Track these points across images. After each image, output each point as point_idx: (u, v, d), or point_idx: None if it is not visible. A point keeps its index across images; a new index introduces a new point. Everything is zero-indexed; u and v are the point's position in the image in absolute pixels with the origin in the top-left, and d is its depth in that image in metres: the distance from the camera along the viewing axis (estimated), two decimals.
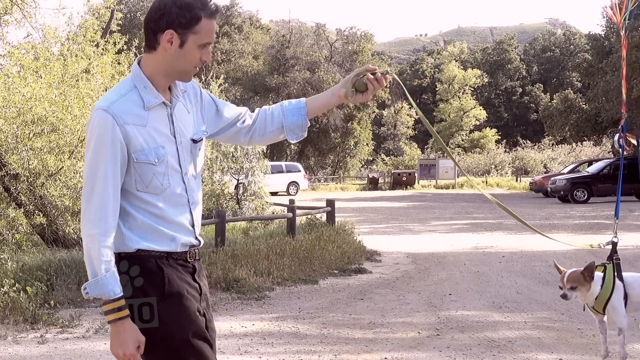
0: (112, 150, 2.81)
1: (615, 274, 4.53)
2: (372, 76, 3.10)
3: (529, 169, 50.12)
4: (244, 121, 3.29)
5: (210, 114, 3.20)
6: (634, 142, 4.92)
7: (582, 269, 4.55)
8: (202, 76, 22.64)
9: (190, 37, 2.84)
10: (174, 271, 2.93)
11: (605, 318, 4.77)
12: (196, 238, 3.04)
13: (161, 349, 2.91)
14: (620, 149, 5.02)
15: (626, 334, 4.63)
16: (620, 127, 4.90)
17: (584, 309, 4.94)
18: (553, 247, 13.65)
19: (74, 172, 13.56)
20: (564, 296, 4.65)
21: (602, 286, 4.51)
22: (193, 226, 3.04)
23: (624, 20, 4.63)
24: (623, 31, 4.69)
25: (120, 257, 2.88)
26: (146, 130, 2.88)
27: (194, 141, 3.04)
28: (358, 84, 3.11)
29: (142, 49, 10.59)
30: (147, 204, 2.93)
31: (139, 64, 2.97)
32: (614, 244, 4.61)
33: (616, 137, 5.08)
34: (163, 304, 2.88)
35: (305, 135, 3.39)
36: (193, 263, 3.03)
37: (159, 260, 2.90)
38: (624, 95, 5.25)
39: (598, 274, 4.73)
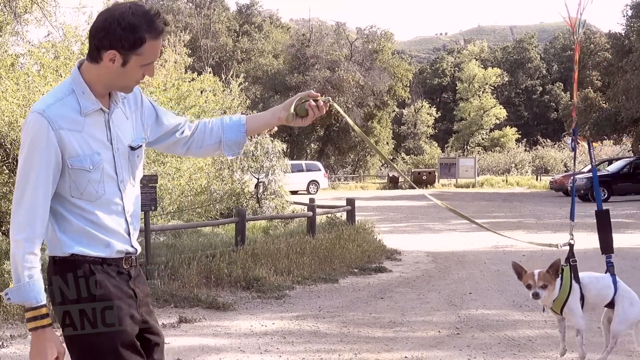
0: (46, 155, 2.79)
1: (572, 275, 4.65)
2: (314, 103, 3.15)
3: (549, 168, 50.52)
4: (182, 132, 3.29)
5: (150, 121, 3.19)
6: (584, 144, 4.95)
7: (548, 267, 4.69)
8: (222, 75, 22.88)
9: (132, 57, 2.83)
10: (108, 277, 2.91)
11: (562, 319, 4.87)
12: (132, 246, 3.03)
13: (87, 358, 2.90)
14: (573, 152, 5.16)
15: (584, 334, 4.72)
16: (571, 130, 5.05)
17: (544, 310, 5.03)
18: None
19: None
20: (536, 295, 4.68)
21: (560, 288, 4.64)
22: (129, 234, 3.03)
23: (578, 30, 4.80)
24: (577, 39, 4.92)
25: (54, 261, 2.89)
26: (82, 136, 2.86)
27: (132, 148, 3.04)
28: (299, 108, 3.16)
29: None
30: (82, 210, 2.91)
31: (79, 68, 2.96)
32: (571, 246, 4.72)
33: (569, 140, 5.08)
34: (93, 310, 2.86)
35: (242, 152, 3.42)
36: (129, 270, 3.01)
37: (93, 266, 2.88)
38: (575, 101, 5.52)
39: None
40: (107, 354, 2.82)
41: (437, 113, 68.60)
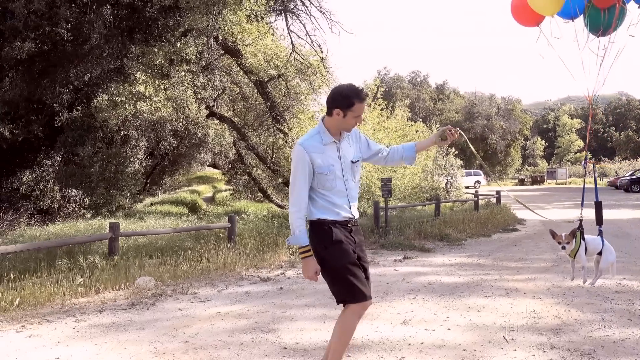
0: (303, 167, 3.01)
1: (581, 237, 4.59)
2: (450, 132, 3.33)
3: (607, 173, 52.49)
4: (382, 153, 3.39)
5: (364, 147, 3.32)
6: (591, 165, 4.98)
7: (569, 232, 4.59)
8: (427, 123, 24.23)
9: (348, 113, 3.01)
10: (338, 230, 3.05)
11: (574, 260, 4.78)
12: (352, 214, 3.13)
13: (331, 271, 3.06)
14: (584, 169, 5.03)
15: (586, 270, 4.66)
16: (585, 157, 4.97)
17: (568, 255, 4.79)
18: (620, 217, 14.34)
19: None
20: (563, 247, 4.57)
21: (575, 243, 4.55)
22: (350, 208, 3.12)
23: (594, 101, 4.62)
24: (591, 105, 4.68)
25: (311, 223, 3.10)
26: (323, 156, 3.04)
27: (352, 162, 3.16)
28: (442, 135, 3.34)
29: (391, 109, 13.30)
30: (324, 195, 3.07)
31: (322, 120, 3.13)
32: (580, 221, 4.60)
33: (583, 163, 5.16)
34: (331, 246, 3.03)
35: (414, 162, 3.52)
36: (350, 226, 3.12)
37: (330, 224, 3.05)
38: (587, 143, 5.52)
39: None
40: (341, 268, 3.02)
41: (545, 143, 74.98)
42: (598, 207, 4.85)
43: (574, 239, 4.64)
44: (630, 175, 34.77)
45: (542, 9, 4.27)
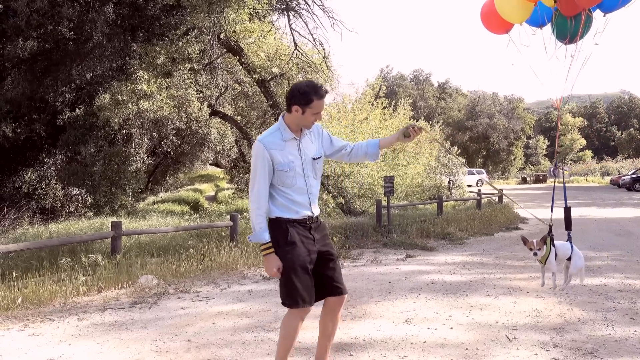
0: (262, 163, 3.02)
1: (551, 243, 4.50)
2: (413, 129, 3.31)
3: (609, 172, 53.65)
4: (346, 149, 3.39)
5: (326, 144, 3.32)
6: (560, 170, 5.03)
7: (540, 239, 4.57)
8: (430, 121, 24.31)
9: (307, 109, 3.01)
10: (295, 230, 3.06)
11: (544, 266, 4.64)
12: (312, 212, 3.14)
13: (284, 270, 3.06)
14: (554, 174, 5.08)
15: (555, 275, 4.55)
16: (554, 163, 5.00)
17: (538, 262, 4.70)
18: (622, 215, 14.35)
19: (359, 174, 13.95)
20: (535, 254, 4.54)
21: (545, 249, 4.45)
22: (310, 205, 3.14)
23: (562, 106, 4.63)
24: (559, 111, 4.73)
25: (269, 220, 3.11)
26: (283, 153, 3.05)
27: (314, 158, 3.17)
28: (405, 133, 3.32)
29: (392, 107, 13.30)
30: (284, 192, 3.08)
31: (282, 117, 3.14)
32: (550, 227, 4.58)
33: (551, 168, 5.59)
34: (284, 246, 3.04)
35: (379, 158, 3.50)
36: (310, 224, 3.13)
37: (288, 223, 3.07)
38: (557, 148, 5.60)
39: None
40: (289, 270, 3.03)
41: (547, 142, 75.69)
42: (567, 212, 4.89)
43: (545, 245, 4.60)
44: (633, 173, 34.80)
45: (511, 17, 4.33)
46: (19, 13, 10.97)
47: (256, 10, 13.65)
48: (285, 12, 13.26)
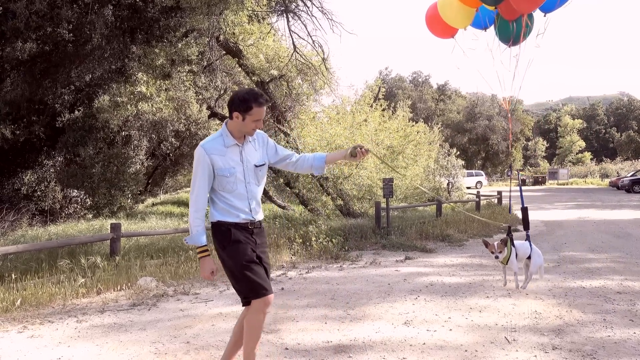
0: (203, 168, 3.06)
1: (511, 244, 4.72)
2: (360, 149, 3.38)
3: (609, 174, 54.29)
4: (291, 159, 3.42)
5: (271, 152, 3.35)
6: (515, 172, 5.15)
7: (500, 241, 4.70)
8: (429, 123, 24.32)
9: (247, 116, 3.05)
10: (237, 231, 3.12)
11: (506, 267, 4.94)
12: (252, 216, 3.18)
13: (231, 270, 3.14)
14: (509, 176, 5.44)
15: (517, 275, 4.86)
16: (509, 166, 5.22)
17: (500, 262, 4.95)
18: (621, 217, 14.37)
19: (359, 177, 13.94)
20: (497, 256, 4.70)
21: (506, 251, 4.68)
22: (251, 210, 3.17)
23: (511, 108, 4.80)
24: (510, 114, 4.83)
25: (211, 225, 3.18)
26: (224, 159, 3.09)
27: (256, 166, 3.21)
28: (352, 152, 3.40)
29: (392, 110, 13.26)
30: (225, 198, 3.12)
31: (226, 124, 3.17)
32: (509, 228, 4.61)
33: (507, 172, 5.67)
34: (229, 246, 3.10)
35: (324, 172, 3.61)
36: (252, 229, 3.17)
37: (229, 227, 3.12)
38: (511, 150, 5.73)
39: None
40: (240, 266, 3.09)
41: (547, 144, 76.96)
42: (524, 213, 4.98)
43: (506, 247, 4.74)
44: (632, 175, 34.92)
45: (454, 21, 4.38)
46: (18, 15, 10.99)
47: (255, 12, 13.67)
48: (284, 14, 13.29)
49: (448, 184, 20.46)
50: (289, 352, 4.05)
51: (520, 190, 5.36)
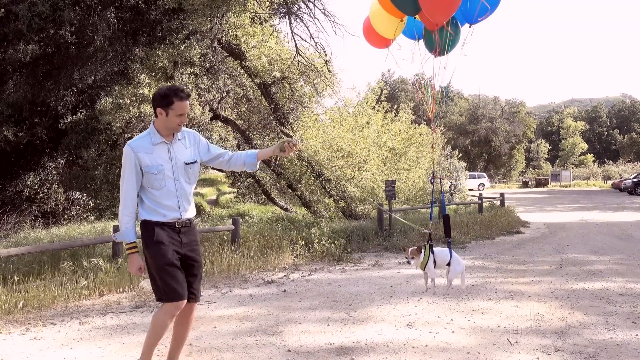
0: (130, 166, 3.11)
1: (430, 250, 4.68)
2: (288, 144, 3.40)
3: (611, 176, 54.12)
4: (224, 157, 3.45)
5: (203, 151, 3.39)
6: (438, 179, 5.09)
7: (415, 248, 4.74)
8: (432, 123, 24.30)
9: (170, 111, 3.11)
10: (162, 231, 3.16)
11: (425, 273, 4.86)
12: (180, 214, 3.22)
13: (150, 269, 3.22)
14: (432, 184, 5.18)
15: (435, 280, 4.84)
16: (432, 173, 5.03)
17: (418, 269, 4.92)
18: (623, 219, 14.39)
19: (361, 178, 13.90)
20: (409, 262, 4.73)
21: (423, 257, 4.66)
22: (179, 208, 3.21)
23: (435, 115, 4.81)
24: (433, 122, 4.83)
25: (140, 223, 3.24)
26: (151, 156, 3.14)
27: (186, 163, 3.25)
28: (281, 147, 3.41)
29: (394, 112, 13.23)
30: (153, 195, 3.17)
31: (153, 123, 3.23)
32: (429, 234, 4.74)
33: (430, 179, 5.42)
34: (152, 246, 3.16)
35: (257, 169, 3.53)
36: (179, 228, 3.22)
37: (155, 226, 3.17)
38: (434, 163, 5.62)
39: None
40: (158, 268, 3.16)
41: (549, 146, 77.12)
42: (446, 220, 5.00)
43: (422, 253, 4.74)
44: (634, 177, 34.89)
45: (385, 32, 4.48)
46: (20, 17, 11.03)
47: (258, 14, 13.71)
48: (287, 16, 13.32)
49: (450, 186, 20.44)
50: (291, 354, 4.05)
51: (443, 198, 5.41)
